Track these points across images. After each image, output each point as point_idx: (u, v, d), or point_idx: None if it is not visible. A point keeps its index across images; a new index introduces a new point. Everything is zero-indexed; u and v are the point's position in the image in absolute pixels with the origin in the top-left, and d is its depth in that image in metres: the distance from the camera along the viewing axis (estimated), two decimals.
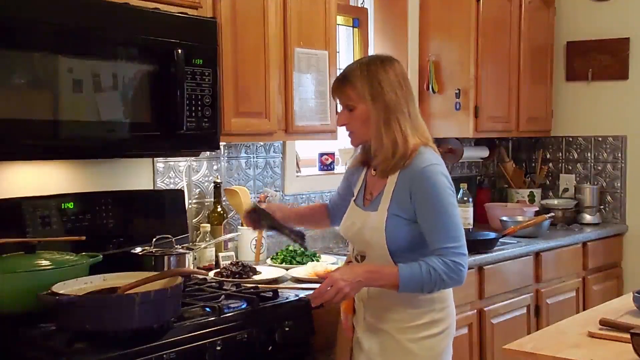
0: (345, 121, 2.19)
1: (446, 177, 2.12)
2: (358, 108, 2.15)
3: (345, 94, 2.17)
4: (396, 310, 2.15)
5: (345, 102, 2.18)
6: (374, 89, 2.12)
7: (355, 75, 2.15)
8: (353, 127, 2.19)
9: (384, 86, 2.12)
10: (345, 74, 2.19)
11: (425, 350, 2.15)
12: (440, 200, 2.08)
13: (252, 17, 2.75)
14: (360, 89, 2.13)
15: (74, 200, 2.51)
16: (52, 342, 1.88)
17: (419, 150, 2.13)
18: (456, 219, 2.09)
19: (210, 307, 2.21)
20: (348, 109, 2.18)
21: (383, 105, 2.12)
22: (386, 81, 2.13)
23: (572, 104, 4.61)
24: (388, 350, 2.17)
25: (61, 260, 2.14)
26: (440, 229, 2.07)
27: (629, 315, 2.31)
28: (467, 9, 3.90)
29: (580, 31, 4.55)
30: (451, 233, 2.07)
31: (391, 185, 2.14)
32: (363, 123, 2.15)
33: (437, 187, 2.08)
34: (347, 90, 2.16)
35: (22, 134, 2.06)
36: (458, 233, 2.08)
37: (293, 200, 3.46)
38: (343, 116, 2.20)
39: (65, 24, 2.12)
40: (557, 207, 4.38)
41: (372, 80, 2.12)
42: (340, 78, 2.20)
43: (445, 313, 2.19)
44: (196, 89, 2.45)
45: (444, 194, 2.08)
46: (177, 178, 2.97)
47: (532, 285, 3.69)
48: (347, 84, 2.16)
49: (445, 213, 2.07)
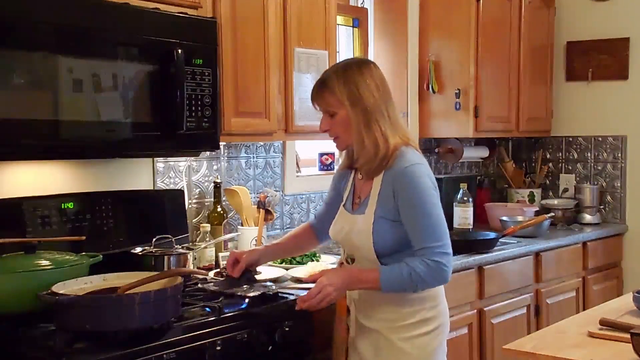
0: (327, 127, 2.20)
1: (429, 177, 2.13)
2: (339, 113, 2.15)
3: (324, 100, 2.17)
4: (386, 309, 2.16)
5: (325, 108, 2.19)
6: (352, 94, 2.12)
7: (332, 81, 2.15)
8: (336, 132, 2.20)
9: (362, 90, 2.13)
10: (323, 80, 2.19)
11: (417, 348, 2.15)
12: (422, 200, 2.08)
13: (252, 17, 2.75)
14: (338, 94, 2.13)
15: (74, 200, 2.51)
16: (52, 342, 1.88)
17: (400, 149, 2.14)
18: (438, 218, 2.09)
19: (210, 307, 2.21)
20: (329, 114, 2.18)
21: (362, 108, 2.12)
22: (363, 85, 2.13)
23: (572, 104, 4.61)
24: (381, 350, 2.18)
25: (61, 260, 2.14)
26: (422, 228, 2.08)
27: (629, 315, 2.31)
28: (467, 9, 3.90)
29: (580, 31, 4.55)
30: (433, 233, 2.07)
31: (377, 187, 2.16)
32: (345, 128, 2.16)
33: (419, 187, 2.09)
34: (326, 96, 2.16)
35: (22, 134, 2.06)
36: (440, 232, 2.08)
37: (293, 200, 3.46)
38: (325, 122, 2.20)
39: (65, 24, 2.12)
40: (557, 207, 4.38)
41: (350, 85, 2.13)
42: (318, 84, 2.20)
43: (437, 311, 2.19)
44: (196, 89, 2.45)
45: (426, 193, 2.09)
46: (177, 178, 2.97)
47: (532, 285, 3.69)
48: (326, 90, 2.16)
49: (427, 213, 2.08)
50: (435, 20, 4.00)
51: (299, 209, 3.49)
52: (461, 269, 3.20)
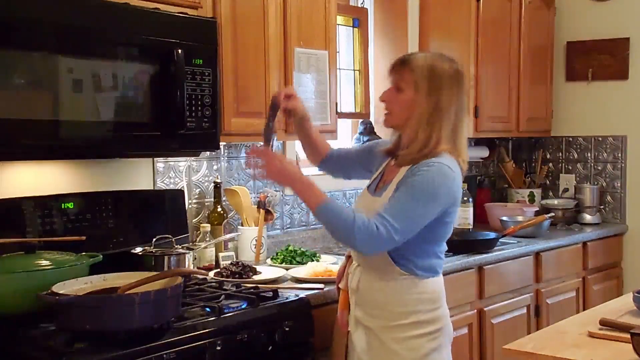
0: (388, 99, 2.19)
1: (445, 184, 2.07)
2: (406, 93, 2.14)
3: (401, 74, 2.16)
4: (383, 307, 2.15)
5: (397, 82, 2.17)
6: (434, 85, 2.12)
7: (419, 63, 2.15)
8: (392, 108, 2.18)
9: (444, 88, 2.12)
10: (409, 57, 2.19)
11: (408, 350, 2.13)
12: (417, 185, 2.04)
13: (252, 17, 2.75)
14: (419, 76, 2.12)
15: (74, 200, 2.51)
16: (52, 342, 1.88)
17: (443, 154, 2.10)
18: (413, 210, 2.02)
19: (210, 307, 2.21)
20: (396, 89, 2.17)
21: (435, 102, 2.11)
22: (447, 84, 2.13)
23: (572, 104, 4.61)
24: (373, 350, 2.18)
25: (61, 260, 2.14)
26: (393, 202, 2.04)
27: (629, 315, 2.30)
28: (467, 9, 3.90)
29: (580, 31, 4.55)
30: (396, 211, 2.01)
31: (400, 175, 2.14)
32: (403, 108, 2.15)
33: (426, 177, 2.05)
34: (405, 72, 2.15)
35: (22, 134, 2.06)
36: (402, 217, 2.01)
37: (293, 200, 3.46)
38: (388, 94, 2.19)
39: (65, 24, 2.12)
40: (557, 207, 4.38)
41: (435, 76, 2.13)
42: (403, 59, 2.19)
43: (434, 315, 2.16)
44: (196, 89, 2.45)
45: (428, 185, 2.04)
46: (177, 178, 2.97)
47: (532, 285, 3.69)
48: (407, 67, 2.16)
49: (409, 197, 2.03)
50: (435, 20, 3.99)
51: (299, 209, 3.49)
52: (461, 269, 3.20)
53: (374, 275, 2.18)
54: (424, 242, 2.13)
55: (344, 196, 3.71)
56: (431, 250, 2.17)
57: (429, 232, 2.10)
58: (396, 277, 2.14)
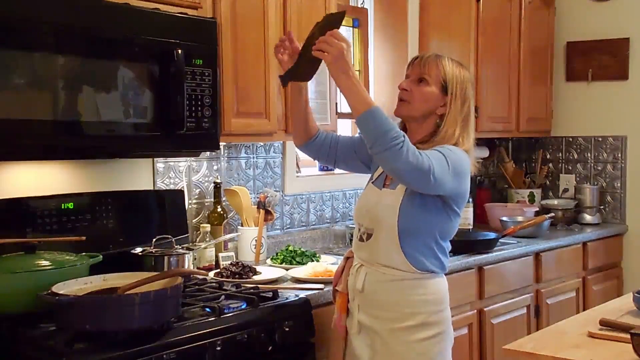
0: (408, 87, 2.20)
1: (467, 167, 2.14)
2: (429, 86, 2.18)
3: (428, 68, 2.19)
4: (390, 307, 2.14)
5: (422, 74, 2.19)
6: (462, 86, 2.19)
7: (446, 62, 2.20)
8: (411, 97, 2.19)
9: (468, 91, 2.21)
10: (438, 55, 2.22)
11: (415, 354, 2.13)
12: (447, 153, 2.07)
13: (252, 17, 2.75)
14: (443, 75, 2.17)
15: (74, 200, 2.51)
16: (52, 342, 1.88)
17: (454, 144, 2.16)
18: (447, 167, 2.03)
19: (210, 308, 2.21)
20: (418, 79, 2.19)
21: (467, 105, 2.19)
22: (470, 88, 2.23)
23: (572, 104, 4.61)
24: (378, 355, 2.16)
25: (61, 260, 2.14)
26: (429, 153, 2.03)
27: (629, 315, 2.31)
28: (467, 9, 3.90)
29: (580, 31, 4.55)
30: (436, 159, 2.01)
31: None
32: (421, 100, 2.18)
33: (454, 152, 2.10)
34: (432, 67, 2.18)
35: (22, 134, 2.06)
36: (440, 166, 2.01)
37: (293, 200, 3.46)
38: (409, 83, 2.21)
39: (65, 24, 2.12)
40: (557, 207, 4.38)
41: (464, 80, 2.20)
42: (432, 56, 2.22)
43: (440, 317, 2.17)
44: (196, 89, 2.45)
45: (457, 157, 2.09)
46: (177, 178, 2.97)
47: (532, 285, 3.69)
48: (434, 63, 2.19)
49: (443, 157, 2.04)
50: (435, 20, 3.99)
51: (299, 209, 3.49)
52: (461, 269, 3.20)
53: (380, 274, 2.16)
54: (432, 238, 2.14)
55: (344, 196, 3.71)
56: (439, 247, 2.17)
57: (437, 227, 2.14)
58: (404, 275, 2.13)
